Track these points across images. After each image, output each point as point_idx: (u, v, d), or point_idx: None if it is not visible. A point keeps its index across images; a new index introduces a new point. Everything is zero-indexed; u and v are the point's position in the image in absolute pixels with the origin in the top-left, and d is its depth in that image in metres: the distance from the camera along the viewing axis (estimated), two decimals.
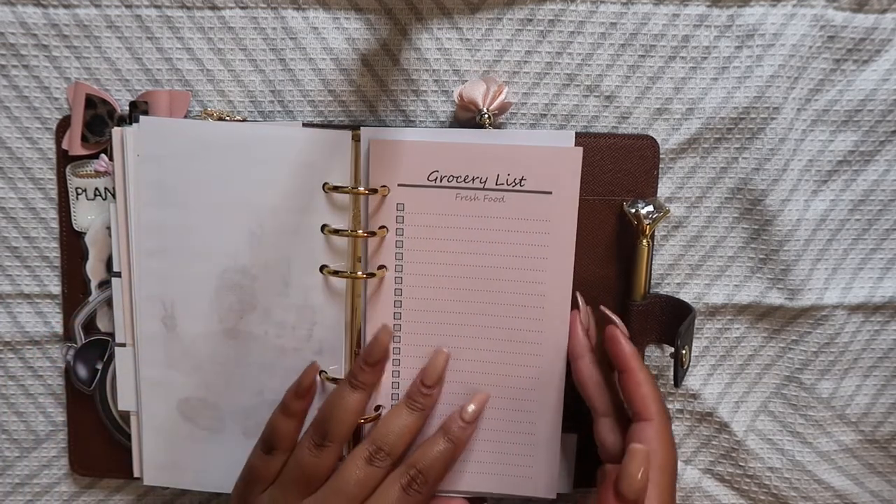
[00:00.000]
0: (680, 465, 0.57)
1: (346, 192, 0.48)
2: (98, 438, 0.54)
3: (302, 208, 0.48)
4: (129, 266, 0.49)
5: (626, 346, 0.46)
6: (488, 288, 0.49)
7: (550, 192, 0.48)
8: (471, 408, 0.48)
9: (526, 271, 0.49)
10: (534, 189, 0.48)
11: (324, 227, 0.49)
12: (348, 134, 0.48)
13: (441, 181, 0.48)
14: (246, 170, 0.48)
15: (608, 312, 0.49)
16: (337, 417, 0.45)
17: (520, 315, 0.49)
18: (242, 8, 0.51)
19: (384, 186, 0.48)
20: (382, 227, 0.49)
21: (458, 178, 0.48)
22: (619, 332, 0.47)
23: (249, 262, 0.49)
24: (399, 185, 0.49)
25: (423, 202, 0.49)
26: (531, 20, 0.52)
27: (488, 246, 0.49)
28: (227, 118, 0.51)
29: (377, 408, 0.50)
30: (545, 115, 0.53)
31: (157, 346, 0.50)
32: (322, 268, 0.49)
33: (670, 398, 0.56)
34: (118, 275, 0.50)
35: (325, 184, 0.48)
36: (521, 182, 0.48)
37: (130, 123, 0.49)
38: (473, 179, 0.48)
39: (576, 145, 0.48)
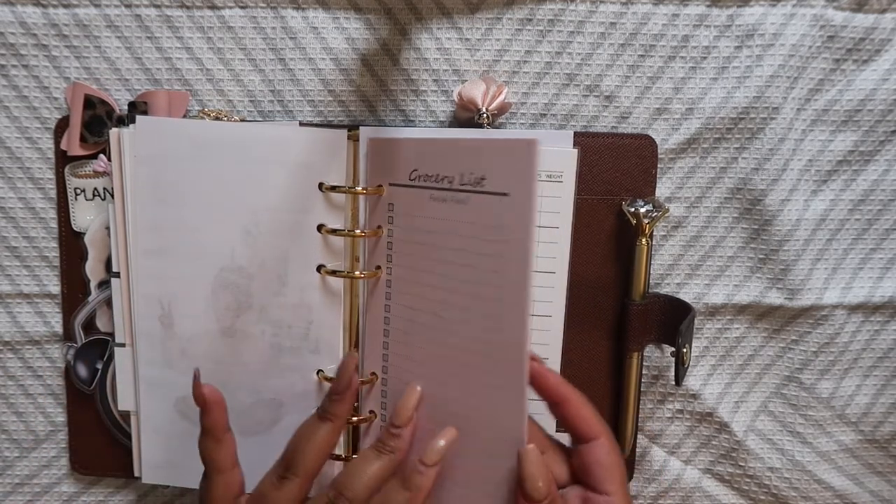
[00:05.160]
0: (680, 464, 0.57)
1: (342, 192, 0.48)
2: (98, 438, 0.54)
3: (298, 208, 0.48)
4: (128, 267, 0.49)
5: (553, 377, 0.42)
6: (454, 302, 0.43)
7: (507, 195, 0.40)
8: (432, 449, 0.40)
9: (481, 286, 0.41)
10: (492, 190, 0.41)
11: (320, 226, 0.48)
12: (344, 133, 0.48)
13: (419, 180, 0.45)
14: (242, 169, 0.48)
15: None
16: (301, 449, 0.41)
17: (478, 337, 0.42)
18: (242, 7, 0.51)
19: (380, 186, 0.48)
20: (379, 226, 0.49)
21: (431, 177, 0.44)
22: (538, 365, 0.42)
23: (246, 262, 0.49)
24: (390, 184, 0.47)
25: (407, 202, 0.46)
26: (531, 20, 0.52)
27: (451, 253, 0.43)
28: (225, 118, 0.51)
29: (370, 411, 0.50)
30: (545, 114, 0.53)
31: (155, 344, 0.50)
32: (319, 267, 0.49)
33: (670, 398, 0.56)
34: (117, 275, 0.50)
35: (321, 183, 0.48)
36: (480, 182, 0.41)
37: (128, 124, 0.49)
38: (443, 179, 0.43)
39: (574, 145, 0.48)
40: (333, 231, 0.48)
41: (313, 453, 0.42)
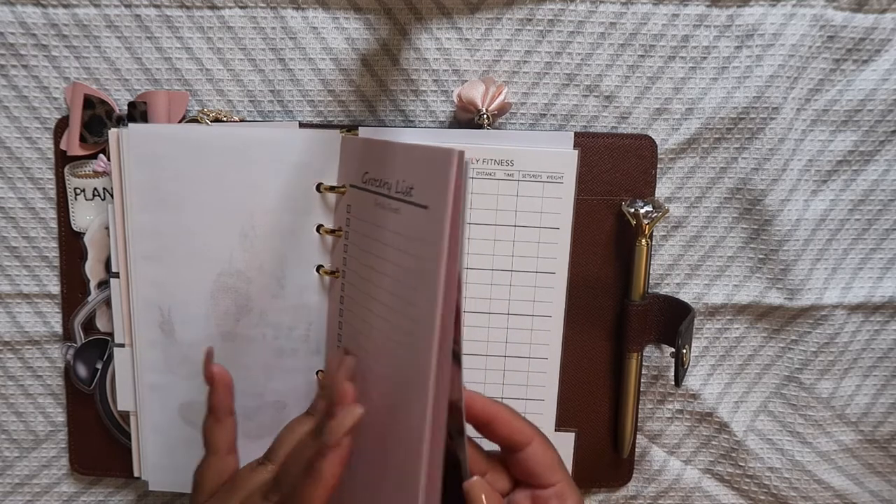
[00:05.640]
0: (680, 464, 0.57)
1: (341, 193, 0.48)
2: (98, 438, 0.54)
3: (296, 209, 0.48)
4: (127, 267, 0.49)
5: (479, 398, 0.41)
6: (386, 316, 0.41)
7: (427, 208, 0.37)
8: (332, 427, 0.37)
9: (405, 304, 0.38)
10: (417, 201, 0.38)
11: (319, 227, 0.48)
12: (338, 133, 0.48)
13: (369, 184, 0.43)
14: (239, 172, 0.48)
15: None
16: (281, 438, 0.42)
17: (402, 359, 0.39)
18: (242, 7, 0.51)
19: (342, 186, 0.47)
20: (339, 227, 0.48)
21: (377, 181, 0.42)
22: (466, 392, 0.40)
23: (244, 265, 0.49)
24: (350, 185, 0.46)
25: (359, 206, 0.45)
26: (531, 20, 0.52)
27: (386, 265, 0.41)
28: (224, 118, 0.51)
29: None
30: (545, 115, 0.53)
31: (157, 351, 0.50)
32: (318, 268, 0.49)
33: (670, 398, 0.56)
34: (116, 275, 0.50)
35: (319, 184, 0.48)
36: (409, 191, 0.38)
37: (128, 124, 0.49)
38: (384, 184, 0.41)
39: (574, 145, 0.48)
40: (332, 231, 0.48)
41: (289, 444, 0.42)
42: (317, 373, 0.50)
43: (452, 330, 0.36)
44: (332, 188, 0.48)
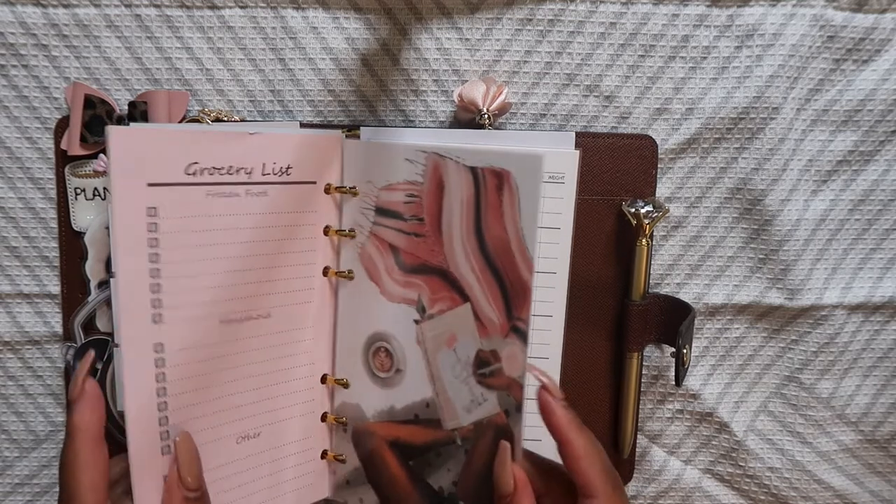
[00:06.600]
0: (679, 464, 0.57)
1: (345, 193, 0.48)
2: None
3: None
4: None
5: (561, 415, 0.39)
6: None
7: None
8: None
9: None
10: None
11: (326, 229, 0.48)
12: (339, 134, 0.48)
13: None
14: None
15: (536, 370, 0.40)
16: None
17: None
18: (242, 7, 0.51)
19: (353, 187, 0.48)
20: (352, 229, 0.49)
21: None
22: (551, 398, 0.40)
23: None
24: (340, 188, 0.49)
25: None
26: (531, 20, 0.52)
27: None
28: (225, 118, 0.51)
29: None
30: (545, 115, 0.53)
31: None
32: (325, 270, 0.49)
33: (670, 398, 0.56)
34: None
35: (328, 185, 0.48)
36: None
37: (128, 124, 0.49)
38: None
39: (575, 145, 0.48)
40: (339, 232, 0.48)
41: None
42: (323, 376, 0.50)
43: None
44: (340, 189, 0.48)
